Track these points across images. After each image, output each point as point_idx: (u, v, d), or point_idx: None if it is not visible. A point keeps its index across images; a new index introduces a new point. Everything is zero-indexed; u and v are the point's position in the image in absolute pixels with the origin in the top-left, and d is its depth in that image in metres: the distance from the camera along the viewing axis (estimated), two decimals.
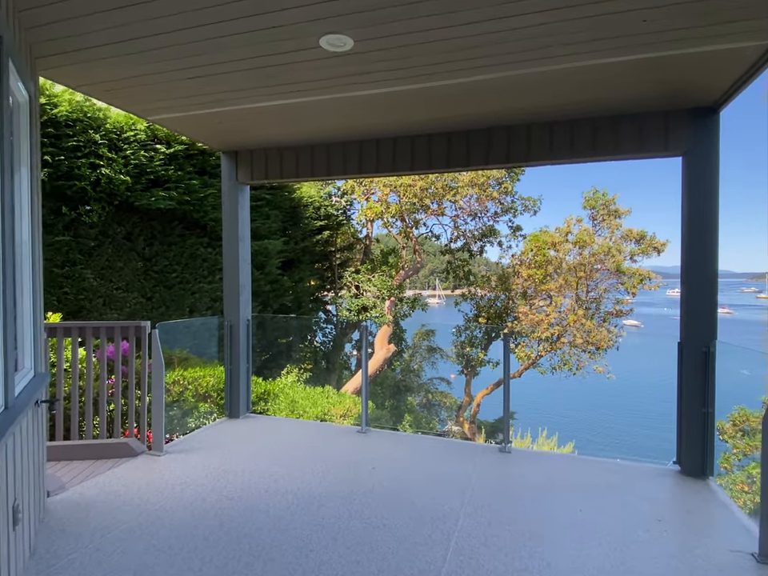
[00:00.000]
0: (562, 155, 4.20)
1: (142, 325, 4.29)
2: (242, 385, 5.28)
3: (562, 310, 15.95)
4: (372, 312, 15.28)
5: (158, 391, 4.20)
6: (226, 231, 5.27)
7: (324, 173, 4.84)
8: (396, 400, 19.55)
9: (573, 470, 4.17)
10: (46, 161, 7.28)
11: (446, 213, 16.60)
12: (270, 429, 4.93)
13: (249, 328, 5.36)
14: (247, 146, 5.01)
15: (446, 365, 22.96)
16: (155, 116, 4.12)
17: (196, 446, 4.47)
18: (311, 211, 14.31)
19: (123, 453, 4.16)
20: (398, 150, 4.57)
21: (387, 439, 4.71)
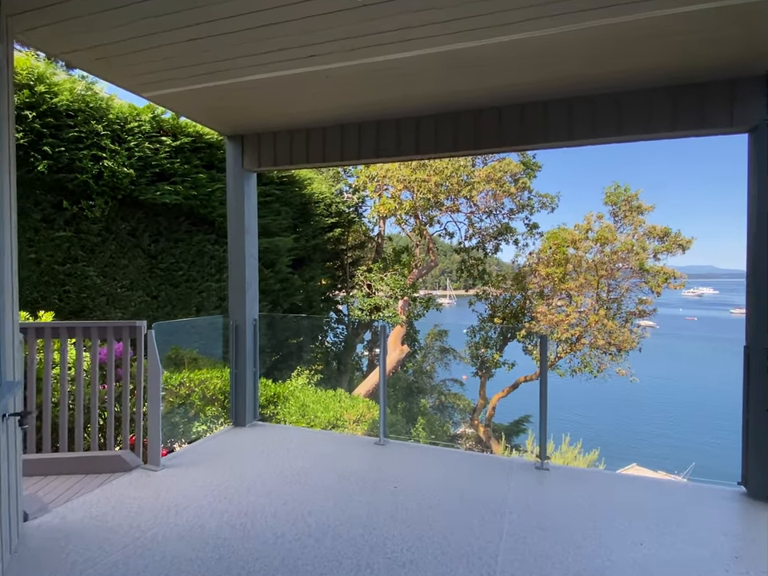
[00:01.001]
0: (608, 132, 3.70)
1: (137, 325, 3.87)
2: (248, 390, 4.85)
3: (582, 309, 15.34)
4: (385, 312, 14.82)
5: (154, 399, 3.77)
6: (231, 223, 4.84)
7: (337, 157, 4.39)
8: (409, 402, 19.07)
9: (622, 491, 3.67)
10: (45, 152, 6.93)
11: (460, 209, 16.08)
12: (279, 439, 4.48)
13: (256, 328, 4.92)
14: (254, 128, 4.58)
15: (459, 366, 22.43)
16: (152, 92, 3.70)
17: (197, 459, 4.04)
18: (322, 208, 13.89)
19: (116, 467, 3.74)
20: (421, 130, 4.09)
21: (408, 452, 4.24)
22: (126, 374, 3.88)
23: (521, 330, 16.62)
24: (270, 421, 9.21)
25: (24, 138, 6.72)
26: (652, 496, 3.55)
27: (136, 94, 3.79)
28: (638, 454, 27.30)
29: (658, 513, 3.26)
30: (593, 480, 3.82)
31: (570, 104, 3.74)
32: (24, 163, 6.84)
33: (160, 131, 8.66)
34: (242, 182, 4.78)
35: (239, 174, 4.78)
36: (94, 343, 3.87)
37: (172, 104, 4.00)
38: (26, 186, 6.98)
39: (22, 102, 6.69)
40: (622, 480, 3.95)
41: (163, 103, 3.95)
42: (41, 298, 7.39)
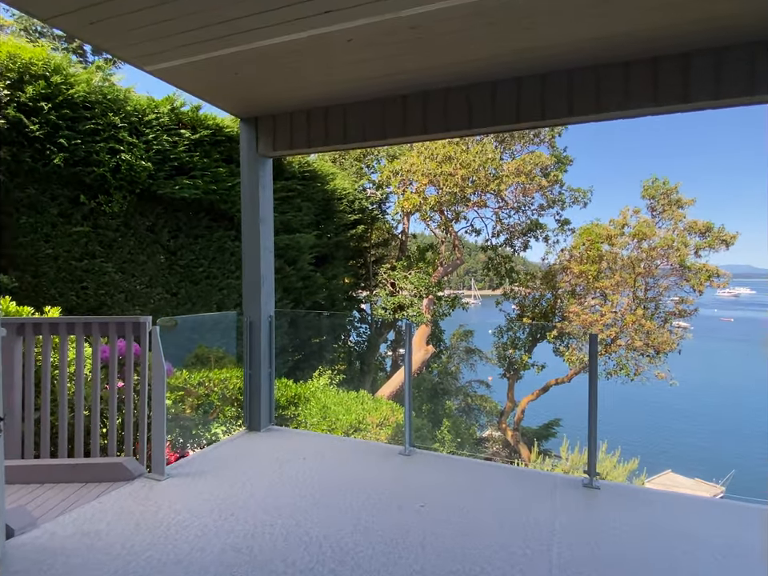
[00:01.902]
0: (643, 102, 3.18)
1: (141, 321, 3.55)
2: (263, 392, 4.49)
3: (618, 309, 14.58)
4: (409, 311, 14.37)
5: (158, 402, 3.44)
6: (246, 213, 4.50)
7: (359, 138, 3.99)
8: (434, 404, 18.59)
9: (694, 516, 3.15)
10: (61, 144, 6.75)
11: (488, 205, 15.50)
12: (295, 447, 4.11)
13: (271, 326, 4.56)
14: (268, 109, 4.22)
15: (486, 367, 21.82)
16: (154, 65, 3.37)
17: (205, 468, 3.69)
18: (345, 204, 13.55)
19: (117, 476, 3.43)
20: (450, 103, 3.65)
21: (437, 464, 3.80)
22: (128, 374, 3.57)
23: (551, 331, 15.94)
24: (290, 422, 8.90)
25: (40, 130, 6.56)
26: (734, 524, 3.02)
27: (138, 68, 3.47)
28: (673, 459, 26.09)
29: (750, 549, 2.73)
30: (655, 502, 3.30)
31: (595, 70, 3.24)
32: (40, 156, 6.68)
33: (179, 124, 8.45)
34: (257, 168, 4.42)
35: (253, 159, 4.43)
36: (96, 340, 3.57)
37: (178, 80, 3.66)
38: (42, 179, 6.83)
39: (38, 93, 6.53)
40: (690, 502, 3.42)
41: (168, 78, 3.61)
42: (58, 295, 7.24)
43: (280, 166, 10.53)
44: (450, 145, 13.06)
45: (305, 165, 11.24)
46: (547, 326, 16.04)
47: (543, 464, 10.30)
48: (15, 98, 6.38)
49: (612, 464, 10.00)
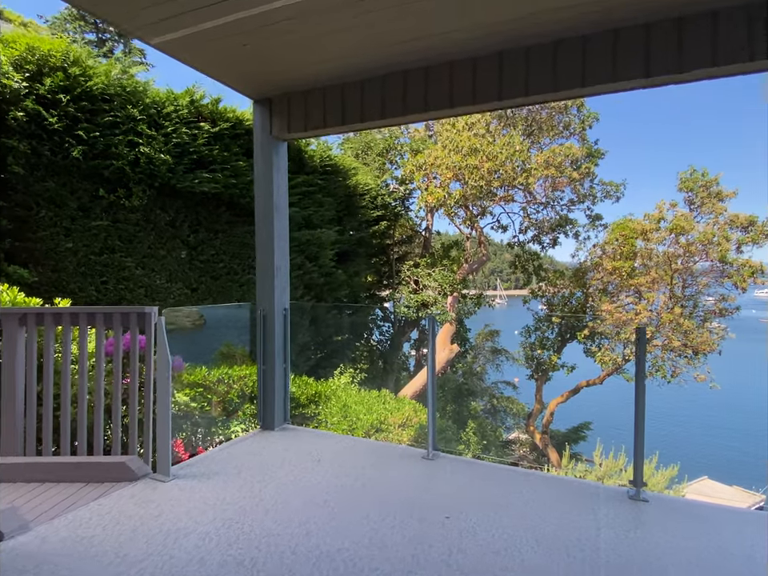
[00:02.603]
0: (667, 68, 2.78)
1: (146, 311, 3.34)
2: (277, 389, 4.24)
3: (654, 307, 13.87)
4: (432, 309, 14.00)
5: (163, 398, 3.22)
6: (259, 199, 4.26)
7: (377, 115, 3.69)
8: (458, 405, 18.16)
9: (742, 532, 2.74)
10: (79, 137, 6.68)
11: (515, 199, 15.00)
12: (310, 448, 3.83)
13: (286, 319, 4.31)
14: (283, 87, 3.96)
15: (512, 368, 21.25)
16: (162, 36, 3.14)
17: (213, 469, 3.45)
18: (367, 200, 13.28)
19: (120, 476, 3.22)
20: (479, 74, 3.32)
21: (463, 470, 3.46)
22: (133, 368, 3.36)
23: (582, 330, 15.31)
24: (310, 421, 8.67)
25: (59, 123, 6.50)
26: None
27: (145, 42, 3.26)
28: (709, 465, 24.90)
29: None
30: (708, 517, 2.89)
31: (616, 33, 2.85)
32: (59, 149, 6.62)
33: (198, 117, 8.32)
34: (271, 152, 4.18)
35: (267, 142, 4.19)
36: (99, 331, 3.37)
37: (186, 55, 3.43)
38: (61, 173, 6.77)
39: (57, 86, 6.47)
40: (746, 519, 3.00)
41: (176, 53, 3.38)
42: (78, 289, 7.18)
43: (301, 160, 10.35)
44: (475, 137, 12.64)
45: (326, 159, 11.02)
46: (579, 323, 15.43)
47: (575, 469, 9.80)
48: (34, 91, 6.33)
49: (650, 470, 9.43)
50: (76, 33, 26.55)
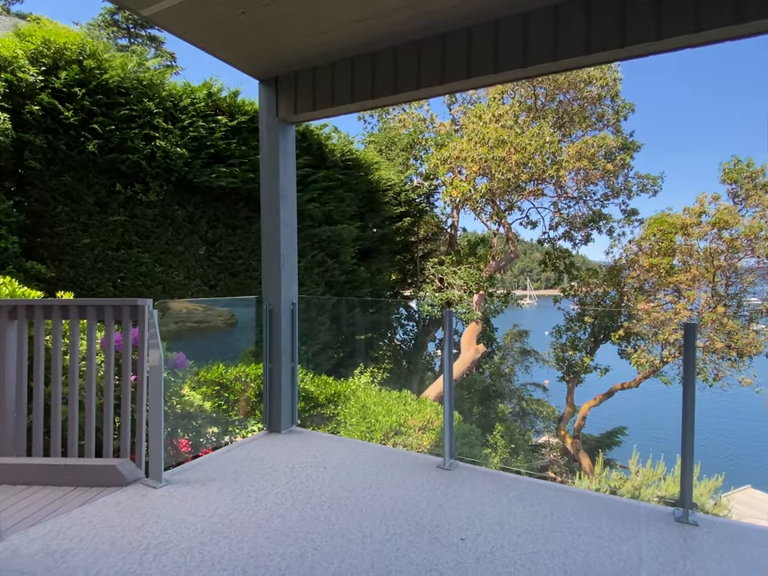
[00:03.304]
0: (723, 21, 2.33)
1: (139, 304, 3.11)
2: (284, 390, 3.97)
3: (694, 306, 13.05)
4: (458, 307, 13.56)
5: (155, 397, 2.98)
6: (264, 186, 4.00)
7: (390, 90, 3.36)
8: (485, 407, 17.63)
9: None
10: (95, 131, 6.60)
11: (545, 193, 14.39)
12: (316, 453, 3.54)
13: (294, 314, 4.03)
14: (289, 63, 3.68)
15: (542, 370, 20.56)
16: (149, 8, 2.90)
17: (210, 474, 3.19)
18: (390, 196, 12.96)
19: (110, 480, 3.00)
20: (501, 40, 2.95)
21: (484, 483, 3.09)
22: (125, 364, 3.14)
23: (617, 331, 14.58)
24: (329, 422, 8.42)
25: (74, 117, 6.43)
26: None
27: (136, 13, 3.02)
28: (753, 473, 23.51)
29: None
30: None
31: None
32: (75, 143, 6.56)
33: (216, 110, 8.17)
34: (277, 135, 3.90)
35: (273, 125, 3.92)
36: (90, 325, 3.16)
37: (178, 27, 3.19)
38: (77, 167, 6.71)
39: (72, 79, 6.40)
40: None
41: (170, 25, 3.15)
42: (95, 285, 7.12)
43: (321, 154, 10.11)
44: (502, 129, 12.15)
45: (347, 153, 10.76)
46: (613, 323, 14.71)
47: (609, 478, 9.22)
48: (50, 84, 6.27)
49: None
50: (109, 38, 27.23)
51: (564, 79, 13.76)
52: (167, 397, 4.12)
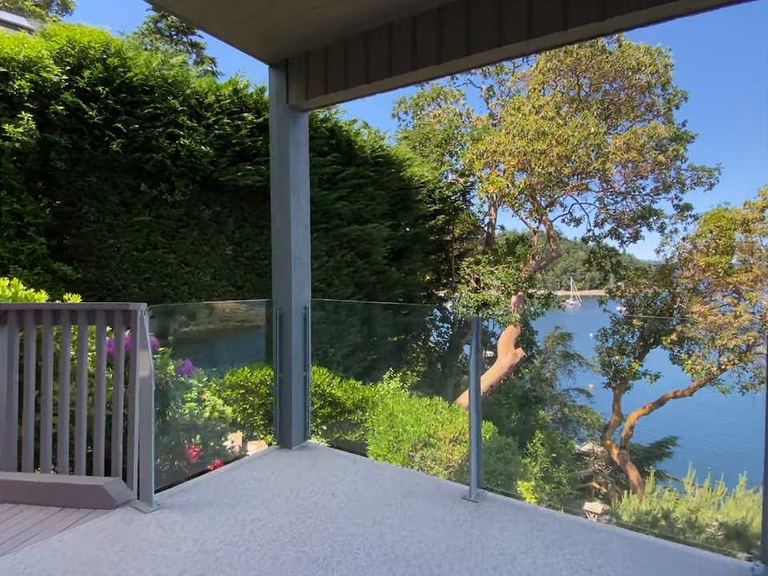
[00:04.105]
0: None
1: (131, 308, 2.84)
2: (295, 401, 3.63)
3: (757, 309, 11.91)
4: (495, 309, 12.95)
5: (144, 410, 2.70)
6: (274, 179, 3.67)
7: (407, 66, 2.96)
8: (524, 413, 16.85)
9: None
10: (119, 130, 6.52)
11: (589, 188, 13.54)
12: (327, 475, 3.17)
13: (306, 319, 3.68)
14: (301, 42, 3.34)
15: (586, 374, 19.54)
16: None
17: (206, 498, 2.89)
18: (424, 194, 12.50)
19: (97, 501, 2.74)
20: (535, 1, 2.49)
21: (514, 519, 2.64)
22: (117, 374, 2.88)
23: (669, 335, 13.53)
24: (357, 429, 8.07)
25: (98, 116, 6.36)
26: None
27: None
28: None
29: None
30: None
31: None
32: (100, 143, 6.49)
33: (242, 107, 7.99)
34: (287, 124, 3.57)
35: (283, 113, 3.59)
36: (82, 330, 2.92)
37: (181, 6, 2.89)
38: (102, 167, 6.64)
39: (96, 78, 6.33)
40: None
41: (170, 7, 2.85)
42: (121, 286, 7.06)
43: (351, 151, 9.79)
44: (543, 120, 11.46)
45: (378, 149, 10.39)
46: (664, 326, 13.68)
47: (661, 498, 8.43)
48: (74, 84, 6.22)
49: (755, 503, 7.85)
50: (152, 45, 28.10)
51: (610, 67, 12.89)
52: (175, 406, 3.87)
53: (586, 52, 12.52)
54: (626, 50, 12.83)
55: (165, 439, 3.40)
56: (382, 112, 28.80)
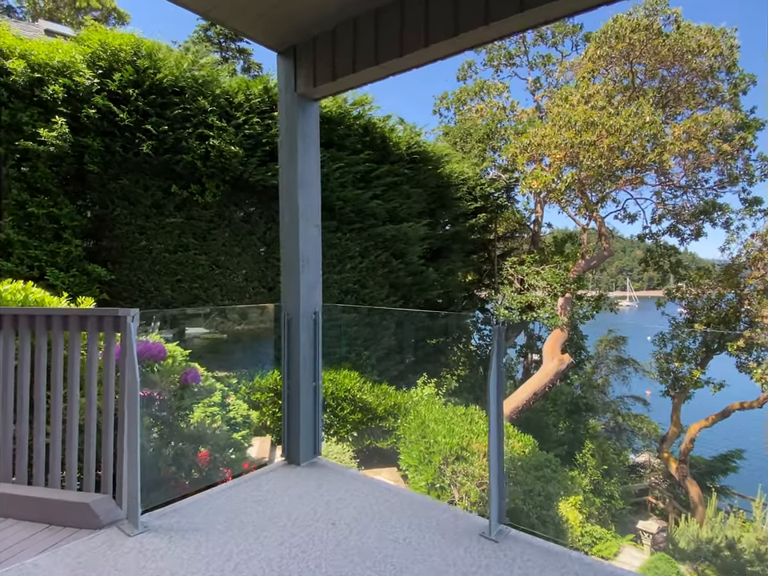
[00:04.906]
0: None
1: (120, 314, 2.65)
2: (304, 413, 3.35)
3: None
4: (540, 311, 12.25)
5: (130, 423, 2.50)
6: (282, 174, 3.42)
7: (420, 42, 2.61)
8: (573, 421, 15.94)
9: None
10: (149, 131, 6.53)
11: (645, 182, 12.56)
12: (332, 499, 2.87)
13: (317, 325, 3.40)
14: (309, 26, 3.07)
15: (642, 382, 18.29)
16: None
17: (197, 522, 2.65)
18: (464, 191, 12.02)
19: (83, 520, 2.57)
20: None
21: (540, 567, 2.23)
22: (107, 384, 2.70)
23: (735, 341, 12.32)
24: (388, 436, 7.75)
25: (129, 119, 6.39)
26: None
27: None
28: None
29: None
30: None
31: None
32: (131, 145, 6.53)
33: (272, 106, 7.87)
34: (295, 114, 3.30)
35: (291, 103, 3.33)
36: (73, 337, 2.77)
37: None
38: (134, 170, 6.69)
39: (126, 80, 6.36)
40: None
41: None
42: (153, 288, 7.09)
43: (385, 148, 9.49)
44: (592, 110, 10.70)
45: (414, 146, 10.03)
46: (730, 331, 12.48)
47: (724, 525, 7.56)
48: (105, 87, 6.28)
49: None
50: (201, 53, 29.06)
51: (668, 51, 11.88)
52: (181, 415, 3.70)
53: (640, 36, 11.60)
54: (684, 31, 11.78)
55: (168, 450, 3.22)
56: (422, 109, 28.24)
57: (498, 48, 17.59)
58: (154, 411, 3.61)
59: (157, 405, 3.63)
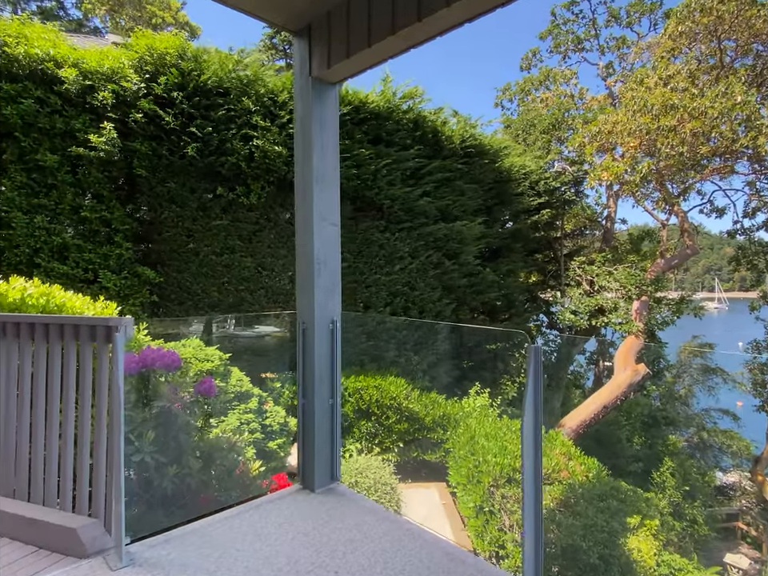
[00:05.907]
0: None
1: (110, 324, 2.44)
2: (319, 435, 2.99)
3: None
4: (611, 316, 11.16)
5: (114, 445, 2.27)
6: (297, 167, 3.09)
7: (442, 2, 2.16)
8: (650, 436, 14.52)
9: None
10: (193, 134, 6.52)
11: (736, 171, 11.08)
12: (342, 538, 2.49)
13: (335, 335, 3.04)
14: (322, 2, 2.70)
15: (732, 393, 16.36)
16: None
17: (188, 557, 2.37)
18: (525, 186, 11.21)
19: (69, 547, 2.37)
20: None
21: None
22: (100, 399, 2.50)
23: None
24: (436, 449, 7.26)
25: (175, 122, 6.41)
26: None
27: None
28: None
29: None
30: None
31: None
32: (176, 148, 6.55)
33: None
34: (310, 100, 2.96)
35: (306, 87, 2.99)
36: (68, 347, 2.60)
37: None
38: (180, 173, 6.70)
39: (171, 83, 6.38)
40: None
41: None
42: (200, 291, 7.11)
43: (437, 142, 8.99)
44: (672, 92, 9.54)
45: (468, 138, 9.43)
46: None
47: None
48: (151, 91, 6.33)
49: None
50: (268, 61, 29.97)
51: (763, 23, 10.38)
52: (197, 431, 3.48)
53: (729, 7, 10.20)
54: None
55: (173, 469, 3.00)
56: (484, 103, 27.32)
57: (566, 33, 16.44)
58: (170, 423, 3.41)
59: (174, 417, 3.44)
